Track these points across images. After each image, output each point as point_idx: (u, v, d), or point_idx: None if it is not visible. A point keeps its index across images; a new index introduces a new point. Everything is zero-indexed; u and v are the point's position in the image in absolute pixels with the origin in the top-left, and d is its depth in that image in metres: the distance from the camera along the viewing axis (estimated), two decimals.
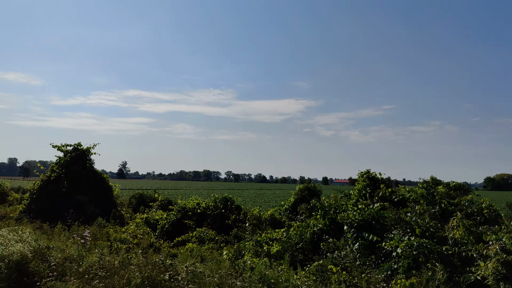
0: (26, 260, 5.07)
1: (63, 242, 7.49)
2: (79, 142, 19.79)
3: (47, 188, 18.29)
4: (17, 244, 5.14)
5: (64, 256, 5.77)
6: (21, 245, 5.16)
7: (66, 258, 5.61)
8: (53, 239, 8.38)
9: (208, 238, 12.71)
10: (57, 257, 5.55)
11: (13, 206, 23.08)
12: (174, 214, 14.89)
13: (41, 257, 5.40)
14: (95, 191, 18.75)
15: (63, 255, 5.82)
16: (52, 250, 5.75)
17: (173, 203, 21.75)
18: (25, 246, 5.19)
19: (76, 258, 5.72)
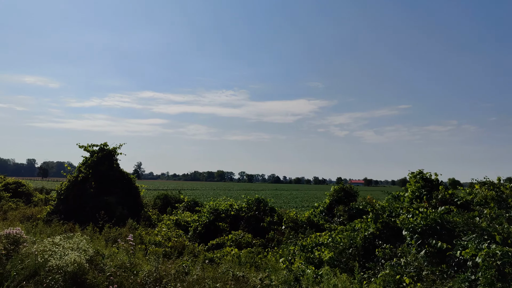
0: (83, 271, 4.57)
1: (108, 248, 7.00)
2: (105, 142, 19.49)
3: (75, 188, 18.03)
4: (73, 253, 4.65)
5: (115, 264, 5.26)
6: (77, 253, 4.67)
7: (119, 267, 5.11)
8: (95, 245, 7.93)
9: (245, 242, 12.13)
10: (110, 265, 5.05)
11: (38, 207, 23.00)
12: (206, 216, 14.37)
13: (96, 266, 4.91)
14: (122, 191, 18.41)
15: (114, 263, 5.31)
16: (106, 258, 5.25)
17: (199, 204, 21.28)
18: (81, 255, 4.69)
19: (128, 266, 5.22)
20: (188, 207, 20.72)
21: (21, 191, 25.97)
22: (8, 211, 20.90)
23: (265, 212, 14.47)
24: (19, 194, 25.60)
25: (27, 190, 26.49)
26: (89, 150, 19.42)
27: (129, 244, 7.47)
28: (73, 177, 18.59)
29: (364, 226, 9.74)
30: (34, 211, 21.88)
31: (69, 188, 18.15)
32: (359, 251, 9.26)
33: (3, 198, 23.09)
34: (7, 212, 20.59)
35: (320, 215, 15.12)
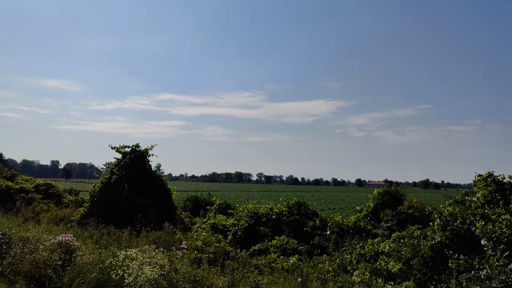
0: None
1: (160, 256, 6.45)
2: (137, 144, 19.19)
3: (108, 190, 17.77)
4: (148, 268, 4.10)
5: (182, 277, 4.69)
6: (154, 269, 4.12)
7: (189, 281, 4.53)
8: None
9: (291, 249, 11.43)
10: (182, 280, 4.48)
11: (69, 209, 22.95)
12: (246, 220, 13.74)
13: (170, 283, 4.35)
14: (155, 194, 18.03)
15: (180, 276, 4.74)
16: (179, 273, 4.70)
17: (231, 206, 20.72)
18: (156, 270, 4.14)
19: (199, 280, 4.64)
20: (220, 209, 20.18)
21: (52, 193, 26.05)
22: (41, 213, 20.87)
23: (307, 216, 13.75)
24: (50, 195, 25.68)
25: (57, 192, 26.57)
26: (121, 151, 19.16)
27: (184, 252, 6.91)
28: (106, 179, 18.36)
29: (430, 233, 8.89)
30: (66, 213, 21.80)
31: (102, 190, 17.91)
32: (426, 261, 8.42)
33: (34, 199, 23.14)
34: (39, 214, 20.55)
35: (364, 219, 14.28)
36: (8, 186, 23.22)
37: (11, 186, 23.50)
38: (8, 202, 21.78)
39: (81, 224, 17.28)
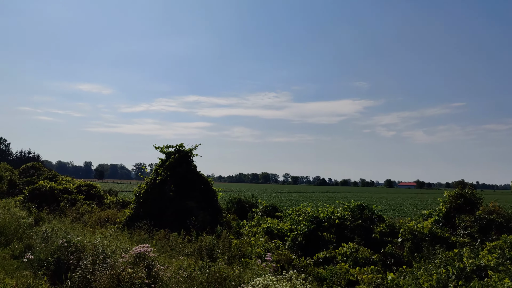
0: None
1: None
2: (181, 143, 18.58)
3: (153, 192, 17.21)
4: None
5: None
6: None
7: None
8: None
9: (363, 258, 10.25)
10: None
11: (111, 210, 22.70)
12: (305, 224, 12.68)
13: None
14: (201, 195, 17.32)
15: None
16: None
17: (278, 209, 19.72)
18: None
19: None
20: (267, 212, 19.21)
21: (93, 193, 26.00)
22: (85, 214, 20.67)
23: (372, 221, 12.51)
24: (92, 196, 25.62)
25: (98, 193, 26.51)
26: (164, 151, 18.61)
27: (270, 266, 5.94)
28: (151, 180, 17.84)
29: None
30: (109, 214, 21.52)
31: (148, 191, 17.38)
32: None
33: (78, 200, 23.05)
34: (83, 215, 20.34)
35: (436, 225, 12.87)
36: (52, 187, 23.29)
37: (54, 187, 23.56)
38: (52, 203, 21.78)
39: (127, 226, 16.82)
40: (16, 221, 9.66)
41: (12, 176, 36.95)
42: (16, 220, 9.73)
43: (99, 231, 14.74)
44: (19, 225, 9.31)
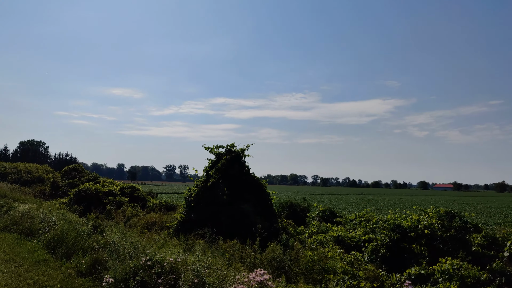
0: None
1: None
2: (232, 143, 17.44)
3: (205, 195, 16.13)
4: None
5: None
6: None
7: None
8: None
9: (472, 277, 8.57)
10: None
11: (156, 213, 21.95)
12: (386, 234, 11.09)
13: None
14: (256, 199, 16.08)
15: None
16: None
17: (336, 214, 18.13)
18: None
19: None
20: (324, 217, 17.69)
21: (136, 196, 25.43)
22: (131, 218, 19.98)
23: (467, 231, 10.76)
24: (135, 198, 25.05)
25: (141, 195, 25.92)
26: (214, 152, 17.53)
27: None
28: (201, 182, 16.81)
29: None
30: (155, 218, 20.74)
31: (199, 194, 16.34)
32: None
33: (123, 203, 22.46)
34: (130, 219, 19.64)
35: None
36: (97, 189, 22.84)
37: (99, 189, 23.11)
38: (98, 206, 21.27)
39: (179, 231, 15.86)
40: (74, 228, 8.77)
41: (55, 178, 37.37)
42: (74, 227, 8.84)
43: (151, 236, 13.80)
44: (79, 233, 8.40)
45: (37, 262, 7.31)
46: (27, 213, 11.79)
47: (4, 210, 13.82)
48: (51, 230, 9.00)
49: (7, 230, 11.19)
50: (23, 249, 8.26)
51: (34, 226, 10.05)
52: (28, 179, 42.88)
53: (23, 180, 42.69)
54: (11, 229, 11.06)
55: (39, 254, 7.80)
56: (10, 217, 11.85)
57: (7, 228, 11.27)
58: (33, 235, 9.55)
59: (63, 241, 8.07)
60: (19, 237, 9.85)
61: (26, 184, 40.50)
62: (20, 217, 11.40)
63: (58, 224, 9.40)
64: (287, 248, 11.83)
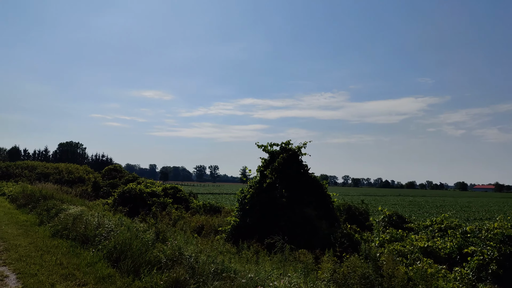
0: None
1: None
2: (288, 141, 16.00)
3: (260, 197, 14.76)
4: None
5: None
6: None
7: None
8: None
9: None
10: None
11: (201, 215, 20.87)
12: (494, 246, 9.20)
13: None
14: (318, 201, 14.52)
15: None
16: None
17: (405, 219, 16.18)
18: None
19: None
20: (391, 222, 15.81)
21: (179, 197, 24.50)
22: (178, 220, 18.95)
23: None
24: (179, 200, 24.13)
25: (184, 196, 24.97)
26: (268, 150, 16.16)
27: None
28: (255, 183, 15.47)
29: None
30: (202, 221, 19.63)
31: (254, 196, 14.99)
32: None
33: (167, 204, 21.53)
34: (176, 223, 18.59)
35: None
36: (141, 190, 22.05)
37: (143, 190, 22.32)
38: (143, 207, 20.45)
39: (232, 237, 14.59)
40: (135, 235, 7.60)
41: (96, 178, 37.39)
42: (135, 234, 7.68)
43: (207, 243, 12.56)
44: (143, 242, 7.21)
45: (102, 278, 6.16)
46: (79, 216, 10.85)
47: (53, 212, 13.07)
48: (111, 238, 7.89)
49: (58, 235, 10.35)
50: (82, 261, 7.22)
51: (89, 232, 9.03)
52: (69, 179, 43.49)
53: (65, 180, 43.30)
54: (63, 235, 10.23)
55: (102, 268, 6.69)
56: (61, 220, 10.99)
57: (59, 233, 10.46)
58: (89, 243, 8.51)
59: (127, 252, 6.85)
60: (73, 245, 8.90)
61: (68, 184, 40.87)
62: (72, 221, 10.46)
63: (116, 230, 8.29)
64: (368, 260, 10.21)
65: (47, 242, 9.35)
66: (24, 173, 47.15)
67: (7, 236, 10.21)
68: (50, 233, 10.61)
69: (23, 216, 15.03)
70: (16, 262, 7.06)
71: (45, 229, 11.31)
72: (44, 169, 49.58)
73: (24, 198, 19.36)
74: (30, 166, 51.33)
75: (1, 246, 8.65)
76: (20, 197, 20.14)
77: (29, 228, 11.92)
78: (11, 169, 49.30)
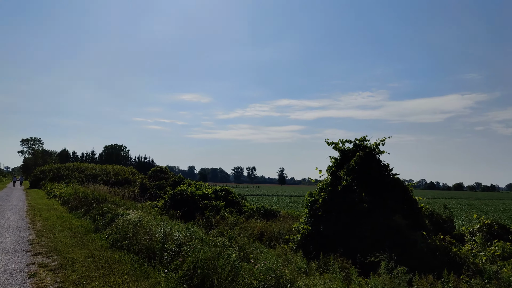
0: None
1: None
2: (363, 136, 13.91)
3: (335, 202, 12.77)
4: None
5: None
6: None
7: None
8: None
9: None
10: None
11: (257, 220, 19.19)
12: None
13: None
14: (405, 208, 12.31)
15: None
16: None
17: (510, 230, 13.51)
18: None
19: None
20: (491, 233, 13.21)
21: (231, 200, 22.97)
22: (236, 226, 17.37)
23: None
24: (230, 203, 22.60)
25: (236, 198, 23.40)
26: (339, 148, 14.15)
27: None
28: (327, 185, 13.52)
29: None
30: (260, 227, 17.94)
31: (326, 201, 13.05)
32: None
33: (220, 208, 20.05)
34: (234, 228, 17.00)
35: None
36: (193, 193, 20.76)
37: (194, 192, 21.03)
38: (197, 211, 19.13)
39: (302, 247, 12.74)
40: (216, 252, 5.91)
41: (143, 180, 36.97)
42: (216, 251, 5.98)
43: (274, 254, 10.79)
44: (230, 263, 5.54)
45: None
46: (138, 224, 9.48)
47: (108, 217, 11.90)
48: (184, 255, 6.30)
49: (118, 246, 8.90)
50: (155, 286, 5.63)
51: (155, 244, 7.52)
52: (116, 181, 43.69)
53: (112, 181, 43.57)
54: (123, 246, 8.77)
55: None
56: (119, 228, 9.65)
57: (118, 243, 8.98)
58: (157, 259, 7.01)
59: (212, 277, 5.21)
60: (138, 260, 7.53)
61: (115, 186, 40.94)
62: (132, 229, 9.07)
63: (186, 242, 6.72)
64: (492, 284, 7.94)
65: (107, 255, 8.02)
66: (74, 174, 48.11)
67: (61, 246, 9.04)
68: (108, 243, 9.32)
69: (76, 221, 14.09)
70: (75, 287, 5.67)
71: (102, 238, 10.09)
72: (92, 170, 50.40)
73: (76, 200, 18.68)
74: (80, 168, 52.44)
75: (56, 262, 7.43)
76: (72, 200, 19.52)
77: (84, 236, 10.78)
78: (62, 171, 50.57)
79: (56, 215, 16.40)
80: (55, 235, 10.85)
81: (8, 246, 9.21)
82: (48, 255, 8.14)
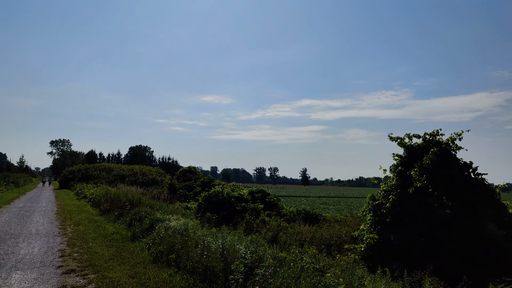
0: None
1: None
2: (436, 130, 12.02)
3: (407, 207, 10.85)
4: None
5: None
6: None
7: None
8: None
9: None
10: None
11: (298, 225, 17.42)
12: None
13: None
14: (496, 216, 10.26)
15: None
16: None
17: None
18: None
19: None
20: None
21: (269, 202, 21.26)
22: (280, 232, 15.64)
23: None
24: (268, 205, 20.90)
25: (273, 200, 21.67)
26: (405, 143, 12.23)
27: None
28: (394, 187, 11.62)
29: None
30: (307, 233, 16.19)
31: (395, 205, 11.15)
32: None
33: (259, 211, 18.40)
34: (278, 234, 15.28)
35: None
36: (229, 194, 19.22)
37: (230, 194, 19.48)
38: (235, 215, 17.57)
39: (368, 260, 10.91)
40: (297, 273, 4.28)
41: (172, 180, 35.87)
42: (296, 270, 4.31)
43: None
44: None
45: None
46: (184, 232, 7.92)
47: (146, 223, 10.43)
48: (262, 282, 4.67)
49: (164, 260, 7.26)
50: None
51: (213, 262, 5.85)
52: (143, 181, 42.95)
53: (139, 182, 42.86)
54: (170, 261, 7.15)
55: None
56: (162, 237, 8.08)
57: (163, 256, 7.35)
58: (219, 283, 5.36)
59: None
60: (194, 284, 5.79)
61: (142, 186, 40.09)
62: (179, 239, 7.48)
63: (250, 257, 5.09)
64: None
65: (153, 273, 6.49)
66: (102, 175, 47.78)
67: (97, 260, 7.59)
68: (151, 256, 7.78)
69: (110, 226, 12.78)
70: None
71: (142, 248, 8.59)
72: (120, 171, 49.98)
73: (107, 202, 17.51)
74: (107, 168, 52.18)
75: (93, 284, 5.94)
76: (103, 201, 18.40)
77: (121, 245, 9.37)
78: (90, 171, 50.42)
79: (87, 218, 15.24)
80: (89, 244, 9.49)
81: (35, 258, 7.89)
82: (83, 273, 6.68)
